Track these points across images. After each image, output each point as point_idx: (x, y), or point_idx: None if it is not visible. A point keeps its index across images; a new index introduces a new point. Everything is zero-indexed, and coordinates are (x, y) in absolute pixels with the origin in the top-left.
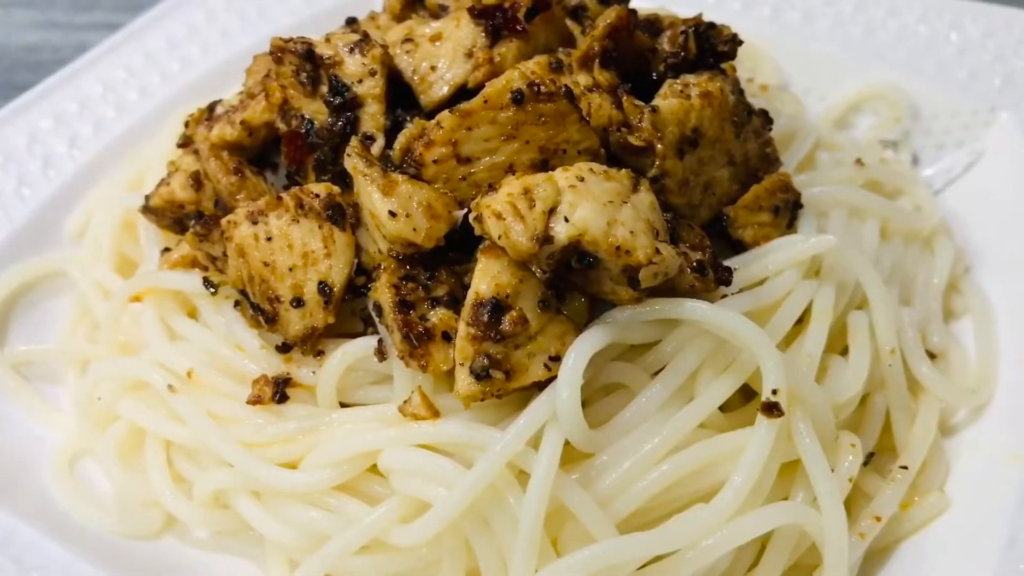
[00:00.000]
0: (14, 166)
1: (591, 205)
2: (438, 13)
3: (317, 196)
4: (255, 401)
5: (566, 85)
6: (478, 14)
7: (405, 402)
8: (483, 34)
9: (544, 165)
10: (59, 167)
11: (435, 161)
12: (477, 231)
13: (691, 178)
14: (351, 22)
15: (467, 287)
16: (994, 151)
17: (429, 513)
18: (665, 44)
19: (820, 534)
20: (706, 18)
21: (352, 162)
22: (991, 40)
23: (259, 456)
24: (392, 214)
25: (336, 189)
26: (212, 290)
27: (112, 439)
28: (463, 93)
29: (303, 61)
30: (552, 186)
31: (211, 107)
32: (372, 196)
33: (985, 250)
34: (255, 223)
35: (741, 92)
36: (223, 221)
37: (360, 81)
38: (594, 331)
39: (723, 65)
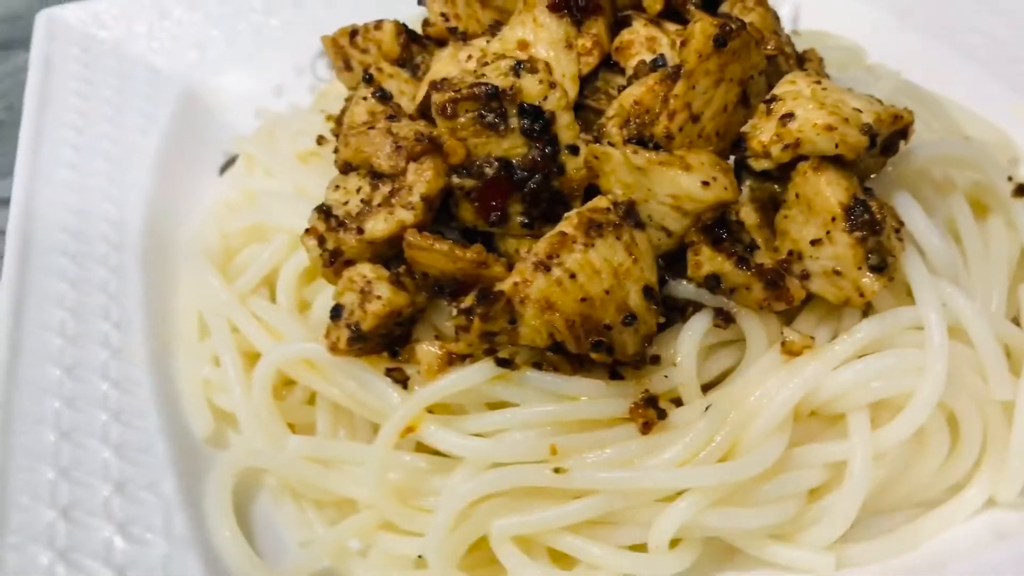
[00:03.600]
0: None
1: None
2: (460, 36)
3: (609, 209)
4: (645, 426)
5: (737, 17)
6: (556, 8)
7: (783, 344)
8: (569, 23)
9: (744, 97)
10: None
11: (680, 129)
12: (787, 159)
13: None
14: (368, 80)
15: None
16: None
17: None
18: None
19: None
20: None
21: (621, 169)
22: None
23: None
24: (705, 183)
25: (616, 195)
26: (512, 367)
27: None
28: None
29: (489, 102)
30: (797, 94)
31: (326, 211)
32: (676, 177)
33: None
34: (548, 270)
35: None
36: (508, 289)
37: (545, 98)
38: None
39: None
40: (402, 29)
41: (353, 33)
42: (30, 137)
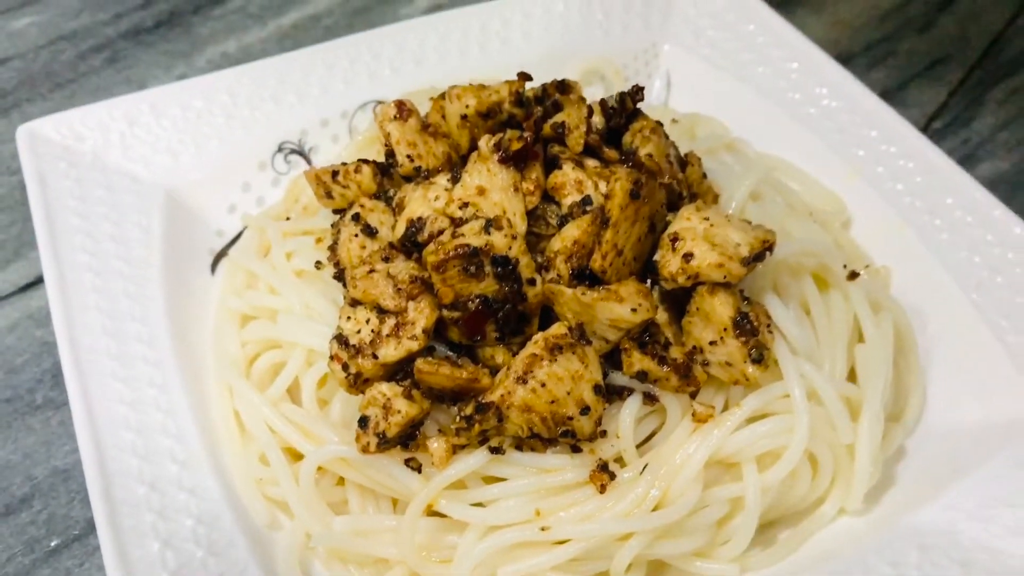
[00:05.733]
0: None
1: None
2: (424, 175)
3: (565, 334)
4: (602, 487)
5: (646, 167)
6: (508, 160)
7: (694, 414)
8: (514, 171)
9: (652, 228)
10: None
11: (611, 264)
12: (689, 284)
13: None
14: (356, 219)
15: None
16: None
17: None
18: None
19: None
20: None
21: (572, 302)
22: None
23: None
24: (634, 310)
25: (570, 323)
26: (501, 452)
27: None
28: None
29: (470, 259)
30: (693, 233)
31: (343, 340)
32: (614, 308)
33: None
34: (526, 382)
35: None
36: (496, 399)
37: (510, 248)
38: None
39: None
40: (378, 171)
41: (335, 173)
42: (54, 271)
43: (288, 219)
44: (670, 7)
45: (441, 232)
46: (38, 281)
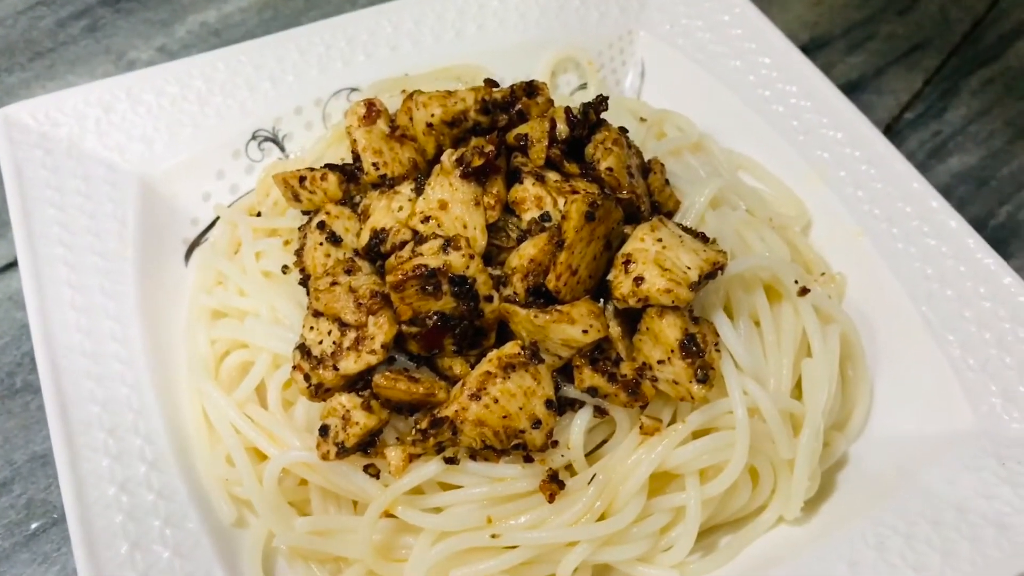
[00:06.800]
0: None
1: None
2: (389, 183)
3: (518, 353)
4: (551, 496)
5: (605, 183)
6: (470, 175)
7: (641, 427)
8: (476, 185)
9: (608, 246)
10: None
11: (565, 283)
12: (639, 306)
13: None
14: (321, 226)
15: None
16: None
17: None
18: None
19: None
20: None
21: (526, 322)
22: None
23: None
24: (585, 331)
25: (524, 341)
26: (455, 462)
27: None
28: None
29: (428, 280)
30: (645, 255)
31: (306, 350)
32: (566, 329)
33: None
34: (480, 399)
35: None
36: (451, 414)
37: (467, 267)
38: None
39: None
40: (343, 179)
41: (302, 178)
42: (30, 266)
43: (259, 214)
44: None
45: (404, 244)
46: (17, 263)
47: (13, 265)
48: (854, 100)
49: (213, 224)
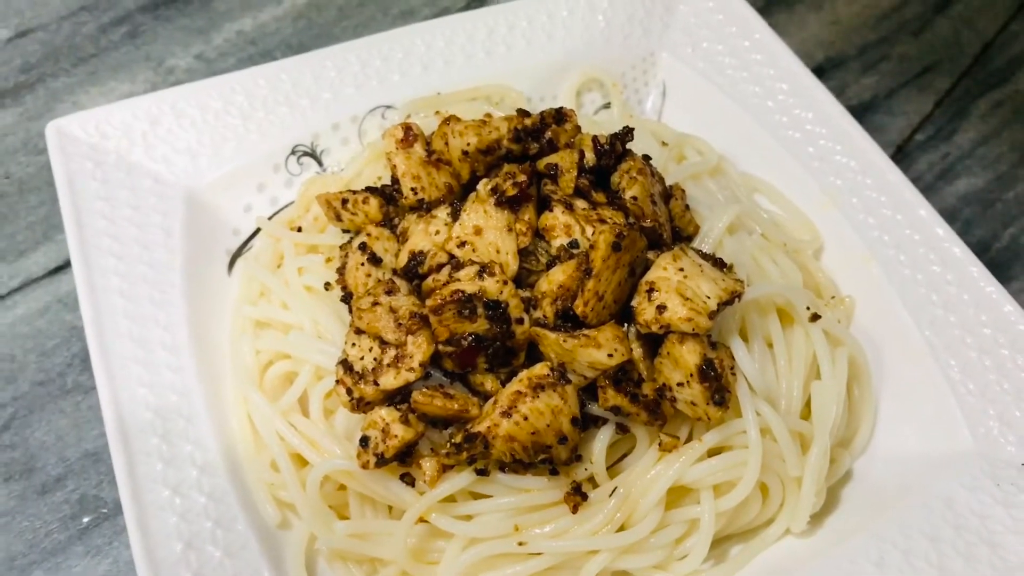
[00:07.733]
0: None
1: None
2: (426, 207)
3: (547, 374)
4: (575, 507)
5: (631, 211)
6: (505, 203)
7: (660, 444)
8: (509, 213)
9: (632, 272)
10: None
11: (592, 309)
12: (662, 332)
13: None
14: (363, 248)
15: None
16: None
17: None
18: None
19: None
20: None
21: (555, 345)
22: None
23: None
24: (611, 355)
25: (552, 363)
26: (486, 474)
27: None
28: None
29: (465, 305)
30: (667, 284)
31: (348, 366)
32: (592, 353)
33: None
34: (510, 416)
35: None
36: (483, 430)
37: (501, 292)
38: None
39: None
40: (384, 202)
41: (344, 200)
42: (83, 273)
43: (300, 228)
44: (671, 15)
45: (441, 267)
46: (67, 264)
47: (62, 268)
48: (867, 121)
49: (254, 235)
